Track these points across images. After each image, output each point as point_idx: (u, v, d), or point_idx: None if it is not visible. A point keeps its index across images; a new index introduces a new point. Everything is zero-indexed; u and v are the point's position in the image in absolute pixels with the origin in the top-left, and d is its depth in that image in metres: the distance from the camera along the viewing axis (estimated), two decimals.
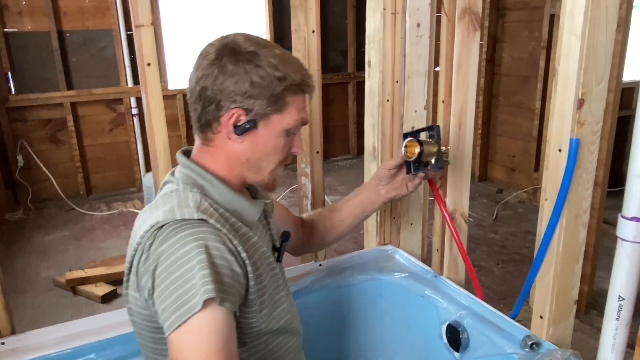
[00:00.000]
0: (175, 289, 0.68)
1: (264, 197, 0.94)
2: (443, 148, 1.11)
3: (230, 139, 0.81)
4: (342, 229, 1.20)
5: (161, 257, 0.71)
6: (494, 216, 3.34)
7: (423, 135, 1.16)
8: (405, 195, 1.21)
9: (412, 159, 1.11)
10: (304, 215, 1.24)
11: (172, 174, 0.86)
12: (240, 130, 0.80)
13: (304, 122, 0.85)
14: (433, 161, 1.11)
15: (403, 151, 1.13)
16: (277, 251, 0.93)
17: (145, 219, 0.78)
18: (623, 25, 1.75)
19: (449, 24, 1.17)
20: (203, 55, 0.80)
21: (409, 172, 1.14)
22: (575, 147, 0.89)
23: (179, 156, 0.86)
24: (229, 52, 0.78)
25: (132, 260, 0.76)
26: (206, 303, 0.67)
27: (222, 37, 0.81)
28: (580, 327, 2.00)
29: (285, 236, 0.96)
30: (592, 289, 2.10)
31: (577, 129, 0.90)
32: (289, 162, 0.89)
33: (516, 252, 2.77)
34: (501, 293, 2.32)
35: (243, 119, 0.79)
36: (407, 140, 1.12)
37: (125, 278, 0.79)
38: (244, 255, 0.78)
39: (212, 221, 0.75)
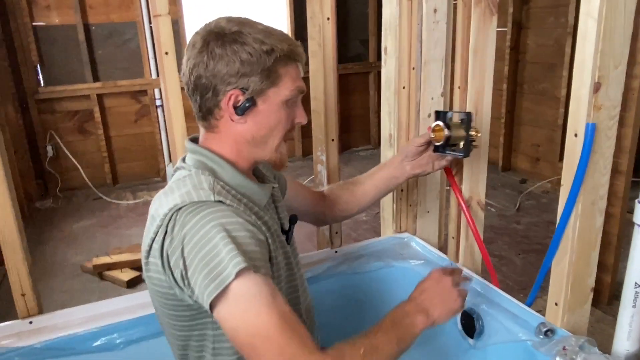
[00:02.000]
0: (206, 264, 0.71)
1: (271, 182, 0.96)
2: (472, 133, 1.10)
3: (233, 121, 0.83)
4: (365, 202, 1.22)
5: (185, 238, 0.73)
6: (517, 206, 3.29)
7: (455, 117, 1.15)
8: (429, 173, 1.22)
9: (440, 143, 1.12)
10: (325, 188, 1.26)
11: (183, 160, 0.88)
12: (241, 110, 0.81)
13: (301, 91, 0.86)
14: (461, 145, 1.11)
15: (431, 135, 1.13)
16: (286, 234, 0.95)
17: (162, 202, 0.80)
18: None
19: (465, 9, 1.16)
20: (191, 45, 0.82)
21: (436, 150, 1.15)
22: (591, 132, 0.88)
23: (188, 143, 0.88)
24: (214, 37, 0.79)
25: (152, 243, 0.78)
26: (240, 274, 0.69)
27: (206, 25, 0.83)
28: (602, 318, 1.97)
29: (293, 219, 0.98)
30: (615, 280, 2.06)
31: (593, 114, 0.88)
32: (293, 135, 0.89)
33: (538, 242, 2.73)
34: (521, 283, 2.29)
35: (241, 98, 0.80)
36: (434, 124, 1.12)
37: (144, 261, 0.82)
38: (263, 228, 0.81)
39: (228, 202, 0.78)
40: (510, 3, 3.58)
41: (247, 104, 0.81)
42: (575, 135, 0.91)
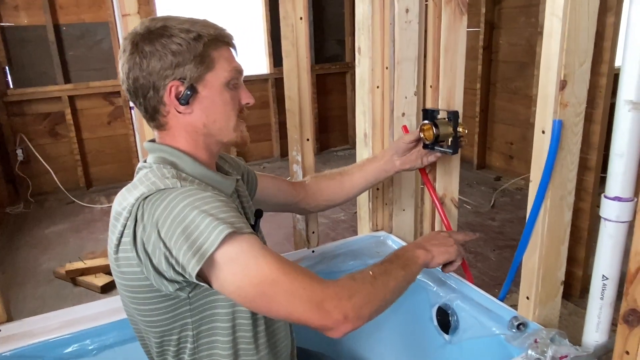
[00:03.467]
0: (186, 238, 0.71)
1: (234, 176, 0.96)
2: (460, 130, 1.13)
3: (181, 113, 0.83)
4: (353, 192, 1.25)
5: (159, 222, 0.73)
6: (492, 203, 3.34)
7: (443, 115, 1.18)
8: (418, 168, 1.26)
9: (430, 142, 1.15)
10: (307, 178, 1.27)
11: (145, 161, 0.87)
12: (184, 99, 0.81)
13: (238, 71, 0.86)
14: (449, 142, 1.14)
15: (420, 135, 1.16)
16: (252, 228, 0.94)
17: (125, 197, 0.79)
18: (615, 8, 1.74)
19: (435, 9, 1.18)
20: (122, 51, 0.83)
21: (425, 147, 1.19)
22: (558, 129, 0.90)
23: (146, 144, 0.88)
24: (141, 37, 0.80)
25: (121, 237, 0.77)
26: (225, 240, 0.71)
27: (132, 29, 0.83)
28: (575, 311, 2.02)
29: (258, 213, 0.99)
30: (587, 273, 2.11)
31: (560, 111, 0.90)
32: (245, 115, 0.90)
33: (513, 238, 2.78)
34: (497, 278, 2.33)
35: (182, 88, 0.81)
36: (423, 123, 1.15)
37: (113, 258, 0.80)
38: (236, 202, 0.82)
39: (195, 185, 0.78)
40: (483, 3, 3.64)
41: (188, 92, 0.81)
42: (543, 132, 0.93)
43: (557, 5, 0.86)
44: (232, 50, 0.87)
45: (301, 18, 1.26)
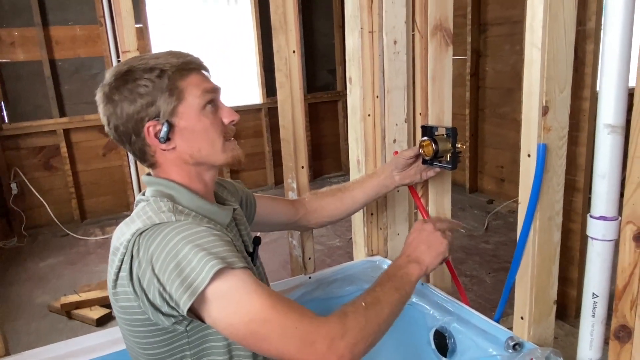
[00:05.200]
0: (179, 274, 0.72)
1: (232, 204, 0.97)
2: (458, 145, 1.16)
3: (165, 150, 0.85)
4: (354, 208, 1.27)
5: (153, 257, 0.74)
6: (485, 226, 3.37)
7: (441, 132, 1.21)
8: (418, 182, 1.28)
9: (429, 157, 1.18)
10: (306, 195, 1.29)
11: (143, 194, 0.89)
12: (163, 136, 0.82)
13: (210, 91, 0.85)
14: (448, 158, 1.17)
15: (420, 151, 1.19)
16: (251, 255, 0.96)
17: (123, 231, 0.81)
18: (594, 36, 1.82)
19: (422, 40, 1.23)
20: (97, 104, 0.86)
21: (424, 162, 1.22)
22: (542, 152, 0.94)
23: (144, 177, 0.90)
24: (109, 87, 0.83)
25: (119, 272, 0.79)
26: (217, 275, 0.71)
27: (104, 80, 0.86)
28: (571, 331, 2.03)
29: (257, 240, 1.00)
30: (581, 294, 2.12)
31: (543, 135, 0.94)
32: (232, 134, 0.90)
33: (507, 260, 2.80)
34: (493, 301, 2.34)
35: (159, 126, 0.82)
36: (422, 139, 1.18)
37: (111, 292, 0.82)
38: (229, 236, 0.82)
39: (190, 219, 0.80)
40: (469, 32, 3.76)
41: (165, 129, 0.82)
42: (529, 155, 0.97)
43: (536, 37, 0.91)
44: (202, 73, 0.86)
45: (294, 51, 1.31)
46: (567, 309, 2.10)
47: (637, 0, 0.84)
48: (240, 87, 4.50)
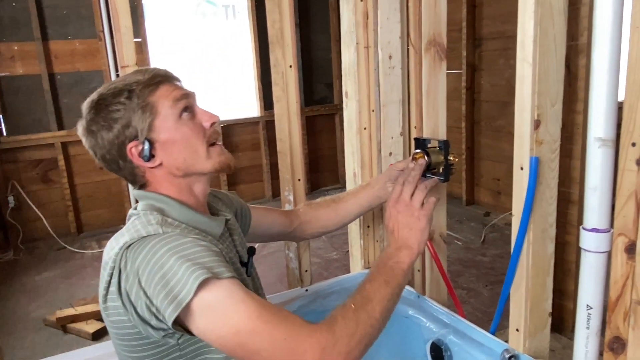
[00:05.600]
0: (164, 286, 0.71)
1: (225, 215, 0.97)
2: (450, 158, 1.17)
3: (153, 168, 0.86)
4: (347, 219, 1.27)
5: (139, 270, 0.74)
6: (482, 239, 3.38)
7: (434, 144, 1.22)
8: None
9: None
10: (300, 206, 1.29)
11: (135, 208, 0.89)
12: (146, 154, 0.83)
13: (181, 98, 0.85)
14: (441, 170, 1.18)
15: (412, 163, 1.19)
16: (245, 266, 0.96)
17: (113, 246, 0.81)
18: (587, 51, 1.85)
19: (416, 56, 1.25)
20: (80, 137, 0.87)
21: None
22: (535, 165, 0.95)
23: (135, 192, 0.90)
24: (86, 120, 0.85)
25: (109, 287, 0.78)
26: (202, 285, 0.70)
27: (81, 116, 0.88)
28: (568, 344, 2.02)
29: (251, 251, 1.00)
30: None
31: (536, 148, 0.96)
32: (216, 138, 0.89)
33: (504, 273, 2.77)
34: (490, 314, 2.34)
35: (140, 146, 0.83)
36: (415, 152, 1.19)
37: (102, 307, 0.81)
38: (219, 247, 0.82)
39: (177, 231, 0.80)
40: (464, 47, 3.81)
41: (147, 147, 0.83)
42: (521, 168, 0.98)
43: (527, 52, 0.93)
44: (171, 83, 0.86)
45: (291, 66, 1.33)
46: (564, 322, 2.10)
47: (624, 15, 0.86)
48: (238, 101, 4.53)
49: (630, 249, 0.80)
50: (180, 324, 0.74)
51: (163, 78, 0.86)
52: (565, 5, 0.93)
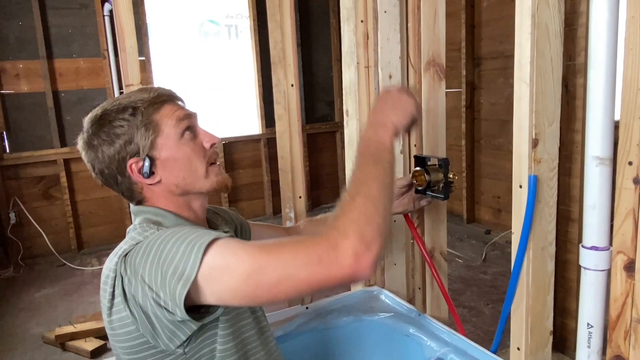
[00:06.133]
0: (166, 269, 0.72)
1: (223, 228, 0.98)
2: (450, 176, 1.18)
3: (151, 185, 0.86)
4: None
5: (139, 268, 0.75)
6: (483, 257, 3.37)
7: (434, 162, 1.23)
8: (412, 211, 1.28)
9: (422, 187, 1.20)
10: (301, 222, 1.30)
11: (133, 224, 0.90)
12: (146, 171, 0.84)
13: (184, 118, 0.86)
14: (440, 188, 1.18)
15: (413, 180, 1.21)
16: None
17: (112, 259, 0.82)
18: (584, 71, 1.87)
19: (416, 75, 1.27)
20: (80, 151, 0.88)
21: (417, 192, 1.23)
22: (533, 183, 0.96)
23: (132, 207, 0.91)
24: (88, 135, 0.86)
25: (113, 298, 0.78)
26: (204, 254, 0.71)
27: (82, 130, 0.89)
28: None
29: None
30: None
31: (534, 166, 0.97)
32: (215, 158, 0.90)
33: (506, 291, 2.78)
34: (491, 333, 2.32)
35: (141, 162, 0.84)
36: (415, 169, 1.20)
37: (107, 320, 0.81)
38: None
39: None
40: (464, 66, 3.85)
41: (148, 164, 0.84)
42: (520, 186, 0.99)
43: (524, 72, 0.95)
44: (175, 103, 0.88)
45: (292, 85, 1.35)
46: (566, 341, 2.08)
47: (618, 36, 0.88)
48: (240, 118, 4.57)
49: (629, 267, 0.81)
50: (192, 304, 0.74)
51: (167, 97, 0.87)
52: (560, 27, 0.95)
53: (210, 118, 4.34)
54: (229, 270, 0.71)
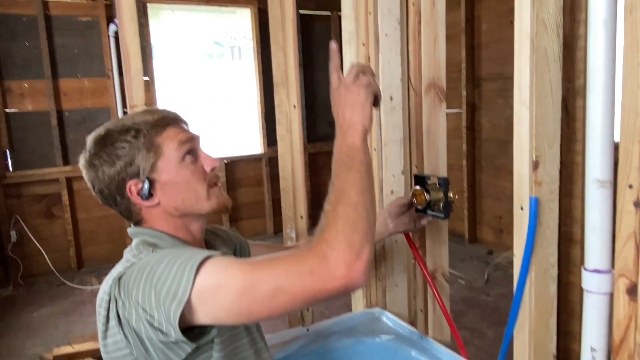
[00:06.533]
0: (159, 291, 0.71)
1: (222, 248, 0.98)
2: (450, 195, 1.17)
3: (150, 207, 0.87)
4: None
5: (132, 291, 0.74)
6: (485, 278, 3.34)
7: (433, 181, 1.23)
8: (411, 231, 1.28)
9: (422, 206, 1.19)
10: (301, 242, 1.29)
11: (130, 245, 0.90)
12: (145, 193, 0.84)
13: (186, 141, 0.86)
14: (440, 207, 1.18)
15: (413, 200, 1.20)
16: None
17: (107, 281, 0.82)
18: (583, 92, 1.89)
19: (416, 97, 1.29)
20: (81, 169, 0.89)
21: (417, 211, 1.23)
22: (535, 205, 0.96)
23: (129, 229, 0.91)
24: (89, 153, 0.87)
25: (107, 322, 0.78)
26: (196, 274, 0.71)
27: (84, 149, 0.90)
28: None
29: None
30: None
31: (535, 188, 0.97)
32: (215, 181, 0.90)
33: (509, 313, 2.76)
34: (494, 356, 2.28)
35: (140, 184, 0.84)
36: (415, 188, 1.20)
37: (102, 343, 0.81)
38: None
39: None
40: (464, 87, 3.89)
41: (147, 186, 0.84)
42: (522, 208, 0.99)
43: (524, 95, 0.96)
44: (178, 125, 0.88)
45: (294, 106, 1.37)
46: None
47: (617, 57, 0.89)
48: (242, 138, 4.60)
49: (631, 291, 0.80)
50: (186, 325, 0.73)
51: (170, 120, 0.88)
52: (559, 51, 0.97)
53: (213, 137, 4.37)
54: (222, 288, 0.71)
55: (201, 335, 0.78)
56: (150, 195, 0.85)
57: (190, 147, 0.87)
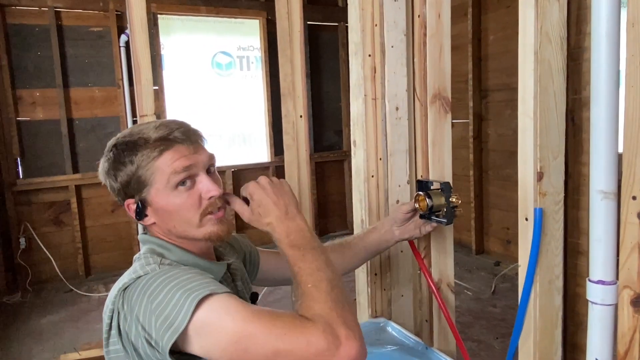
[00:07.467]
0: (159, 314, 0.73)
1: (229, 259, 0.99)
2: (453, 200, 1.17)
3: (147, 224, 0.89)
4: (354, 263, 1.27)
5: (135, 306, 0.76)
6: (492, 289, 3.32)
7: (436, 186, 1.23)
8: (417, 237, 1.28)
9: (424, 212, 1.20)
10: None
11: (139, 252, 0.92)
12: (139, 214, 0.87)
13: (184, 170, 0.83)
14: (444, 212, 1.18)
15: (415, 205, 1.21)
16: None
17: (114, 290, 0.83)
18: (589, 104, 1.89)
19: (422, 108, 1.30)
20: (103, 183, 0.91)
21: (422, 217, 1.23)
22: (539, 216, 0.97)
23: (140, 236, 0.93)
24: (102, 163, 0.89)
25: (110, 330, 0.80)
26: (197, 307, 0.71)
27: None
28: None
29: (254, 297, 1.00)
30: None
31: (539, 199, 0.98)
32: (213, 209, 0.87)
33: None
34: None
35: (133, 206, 0.87)
36: (417, 194, 1.21)
37: (105, 350, 0.82)
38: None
39: (173, 266, 0.82)
40: (471, 98, 3.90)
41: (139, 208, 0.86)
42: (526, 219, 0.99)
43: (528, 107, 0.97)
44: (181, 148, 0.84)
45: (301, 116, 1.38)
46: None
47: (620, 68, 0.90)
48: (249, 146, 4.63)
49: (636, 302, 0.80)
50: (178, 351, 0.74)
51: (176, 139, 0.84)
52: (563, 63, 0.98)
53: (221, 145, 4.40)
54: (220, 329, 0.72)
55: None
56: (145, 215, 0.87)
57: (186, 176, 0.84)
